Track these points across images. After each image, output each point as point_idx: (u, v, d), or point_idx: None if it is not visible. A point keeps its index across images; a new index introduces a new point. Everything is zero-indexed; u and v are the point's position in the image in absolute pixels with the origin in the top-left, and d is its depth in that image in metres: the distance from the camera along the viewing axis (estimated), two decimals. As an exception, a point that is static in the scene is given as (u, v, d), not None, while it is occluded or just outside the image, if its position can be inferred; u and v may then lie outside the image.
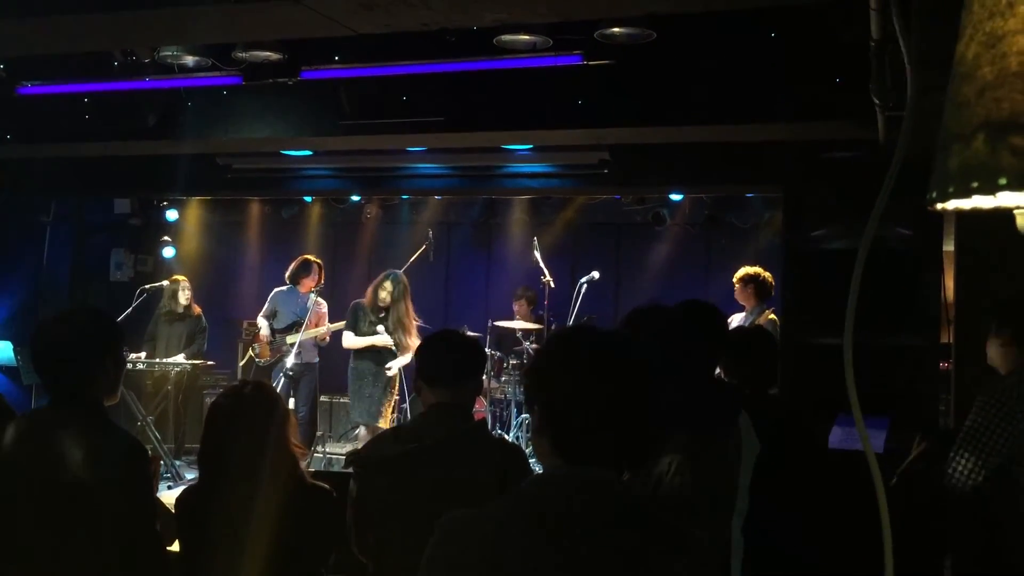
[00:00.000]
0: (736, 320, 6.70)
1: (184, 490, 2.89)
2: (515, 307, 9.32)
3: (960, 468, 3.16)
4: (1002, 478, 3.18)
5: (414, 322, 7.60)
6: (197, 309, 9.07)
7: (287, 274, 8.39)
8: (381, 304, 7.43)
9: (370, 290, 7.53)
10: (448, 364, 2.99)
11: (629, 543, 1.57)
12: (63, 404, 2.67)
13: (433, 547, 1.62)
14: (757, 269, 7.13)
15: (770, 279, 7.07)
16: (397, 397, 7.73)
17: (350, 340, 7.52)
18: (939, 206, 0.82)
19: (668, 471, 2.49)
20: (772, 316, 6.84)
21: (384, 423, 7.38)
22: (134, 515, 2.60)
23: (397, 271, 7.66)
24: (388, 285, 7.46)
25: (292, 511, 2.66)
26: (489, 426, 7.77)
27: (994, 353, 3.48)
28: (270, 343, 8.38)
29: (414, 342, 7.45)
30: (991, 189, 0.76)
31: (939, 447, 3.43)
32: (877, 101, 4.08)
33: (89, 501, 2.54)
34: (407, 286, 7.54)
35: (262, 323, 8.42)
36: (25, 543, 2.57)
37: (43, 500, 2.56)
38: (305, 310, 7.97)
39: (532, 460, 3.59)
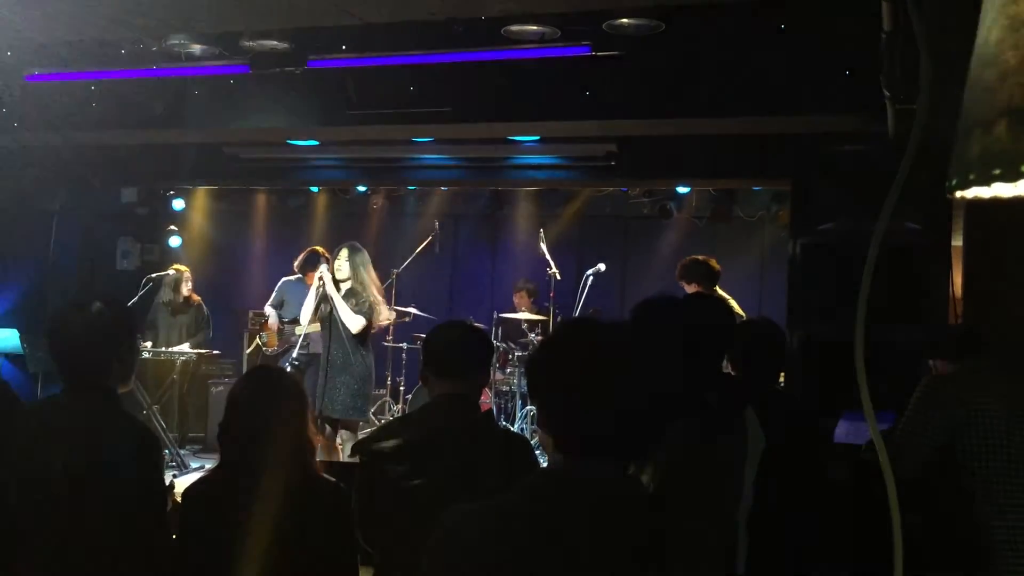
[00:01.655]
0: None
1: (195, 480, 2.88)
2: (515, 299, 9.32)
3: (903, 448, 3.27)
4: (948, 464, 3.25)
5: (381, 298, 6.88)
6: (196, 298, 9.09)
7: (296, 264, 8.39)
8: (338, 277, 6.68)
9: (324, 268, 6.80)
10: (455, 355, 2.98)
11: (632, 538, 1.56)
12: (77, 391, 2.69)
13: (436, 540, 1.61)
14: (694, 257, 7.06)
15: (712, 262, 7.01)
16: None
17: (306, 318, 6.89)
18: (958, 194, 0.81)
19: (673, 464, 2.48)
20: (733, 303, 6.81)
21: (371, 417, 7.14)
22: (144, 501, 2.62)
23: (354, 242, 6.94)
24: (344, 253, 6.69)
25: (301, 504, 2.65)
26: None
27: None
28: (279, 332, 8.38)
29: (384, 314, 6.98)
30: (1013, 176, 0.75)
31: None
32: (888, 93, 4.05)
33: (101, 487, 2.55)
34: (367, 256, 6.81)
35: (270, 312, 8.42)
36: (37, 528, 2.58)
37: (56, 485, 2.57)
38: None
39: (538, 451, 3.59)
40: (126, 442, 2.63)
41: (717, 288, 6.90)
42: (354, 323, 6.58)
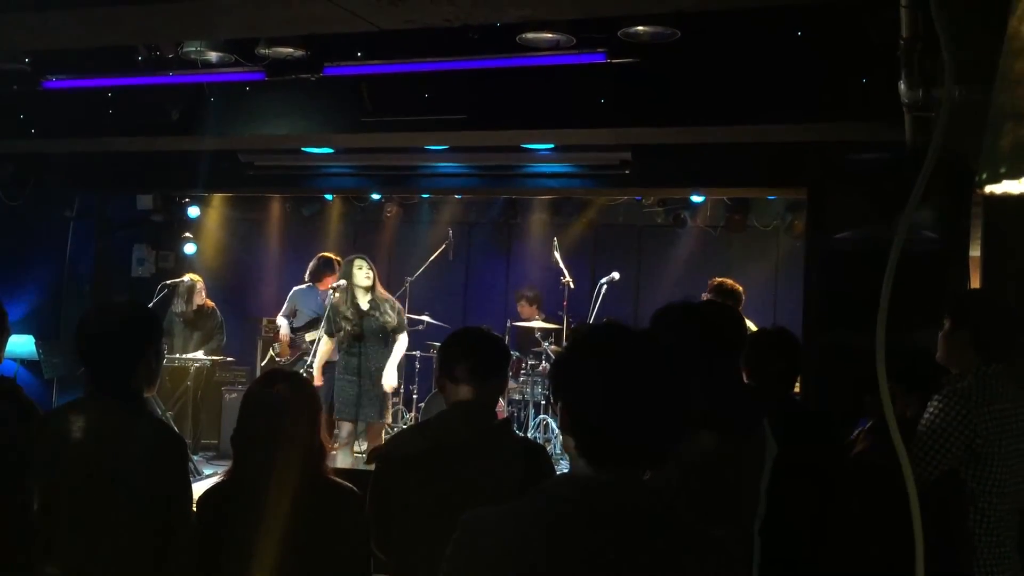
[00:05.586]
0: None
1: (210, 487, 2.86)
2: (518, 308, 9.29)
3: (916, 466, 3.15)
4: (950, 478, 3.17)
5: None
6: (210, 303, 9.11)
7: (308, 272, 8.39)
8: (364, 286, 6.81)
9: (342, 282, 6.91)
10: (472, 362, 2.96)
11: (652, 545, 1.55)
12: (105, 394, 2.71)
13: (455, 544, 1.61)
14: (722, 280, 6.96)
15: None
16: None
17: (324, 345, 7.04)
18: (988, 189, 0.79)
19: (693, 472, 2.46)
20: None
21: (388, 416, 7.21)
22: (172, 502, 2.63)
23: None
24: (363, 264, 6.83)
25: (314, 508, 2.63)
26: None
27: (946, 350, 3.40)
28: (291, 341, 8.39)
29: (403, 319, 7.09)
30: (1046, 170, 0.73)
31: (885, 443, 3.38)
32: (906, 100, 4.02)
33: (129, 488, 2.56)
34: None
35: (282, 322, 8.43)
36: (67, 529, 2.58)
37: (85, 487, 2.58)
38: (323, 307, 7.95)
39: (552, 460, 3.57)
40: (152, 443, 2.64)
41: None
42: (404, 340, 6.95)
